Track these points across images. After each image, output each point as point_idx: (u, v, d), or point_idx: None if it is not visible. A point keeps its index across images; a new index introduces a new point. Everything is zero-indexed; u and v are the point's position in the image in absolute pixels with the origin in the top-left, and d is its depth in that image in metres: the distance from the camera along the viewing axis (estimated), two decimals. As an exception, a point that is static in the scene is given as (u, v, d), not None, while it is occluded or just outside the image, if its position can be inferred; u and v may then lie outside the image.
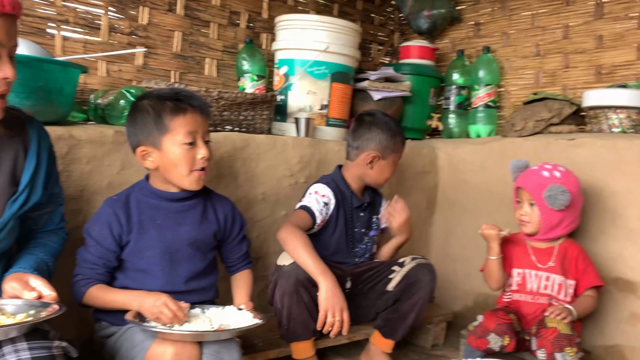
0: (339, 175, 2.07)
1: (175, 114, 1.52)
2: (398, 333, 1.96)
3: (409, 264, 1.96)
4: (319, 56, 2.41)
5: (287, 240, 1.79)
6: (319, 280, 1.72)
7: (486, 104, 2.83)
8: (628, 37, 2.55)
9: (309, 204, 1.93)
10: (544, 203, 1.97)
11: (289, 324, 1.83)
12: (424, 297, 1.93)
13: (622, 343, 2.14)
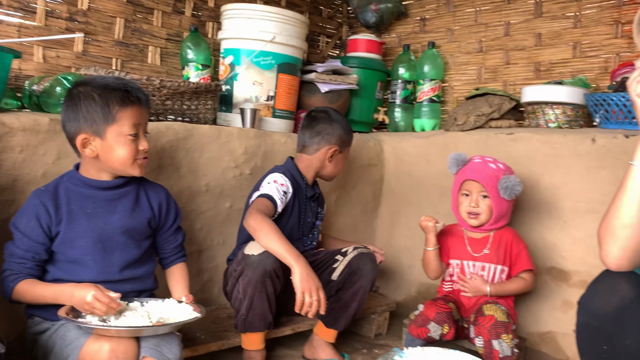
0: (293, 166, 2.10)
1: (124, 105, 1.51)
2: (340, 322, 1.98)
3: (351, 253, 1.99)
4: (265, 46, 2.39)
5: (258, 228, 1.77)
6: (293, 265, 1.71)
7: (430, 99, 2.88)
8: (565, 35, 2.65)
9: (271, 192, 1.93)
10: (498, 194, 2.03)
11: (248, 314, 1.82)
12: (365, 285, 1.95)
13: (556, 329, 2.24)
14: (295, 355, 2.10)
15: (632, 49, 2.45)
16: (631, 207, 1.28)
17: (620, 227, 1.29)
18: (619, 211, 1.29)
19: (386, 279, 2.86)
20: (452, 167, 2.13)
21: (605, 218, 1.34)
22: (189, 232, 2.14)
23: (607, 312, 1.29)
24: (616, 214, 1.30)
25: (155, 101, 2.06)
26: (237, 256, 1.86)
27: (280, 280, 1.81)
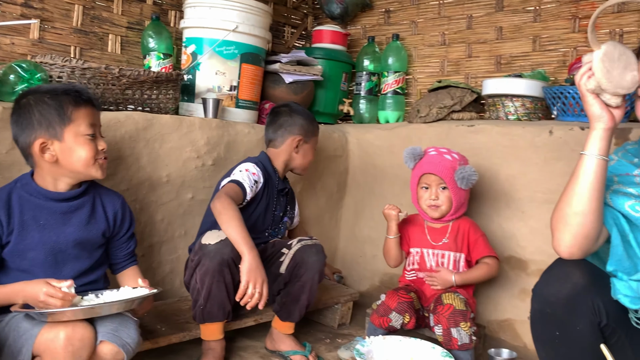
0: (266, 157, 2.13)
1: (78, 105, 1.51)
2: (294, 315, 1.99)
3: (295, 246, 1.99)
4: (228, 36, 2.37)
5: (223, 211, 1.78)
6: (244, 253, 1.71)
7: (395, 91, 2.90)
8: (525, 29, 2.69)
9: (241, 179, 1.93)
10: (455, 184, 2.06)
11: (206, 303, 1.81)
12: (312, 277, 1.95)
13: (514, 317, 2.29)
14: (258, 346, 2.10)
15: (588, 43, 2.51)
16: (583, 195, 1.31)
17: (572, 215, 1.32)
18: (571, 199, 1.33)
19: (350, 269, 2.88)
20: (409, 162, 2.16)
21: (558, 207, 1.37)
22: (150, 223, 2.11)
23: (560, 299, 1.33)
24: (568, 202, 1.34)
25: (114, 90, 2.02)
26: (195, 246, 1.85)
27: (238, 270, 1.80)
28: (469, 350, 1.88)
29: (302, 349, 2.00)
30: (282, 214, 2.19)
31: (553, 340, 1.37)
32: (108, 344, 1.39)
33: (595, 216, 1.32)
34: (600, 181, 1.31)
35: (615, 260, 1.34)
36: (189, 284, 1.87)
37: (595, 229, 1.33)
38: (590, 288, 1.32)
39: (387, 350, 1.88)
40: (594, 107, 1.30)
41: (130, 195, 2.02)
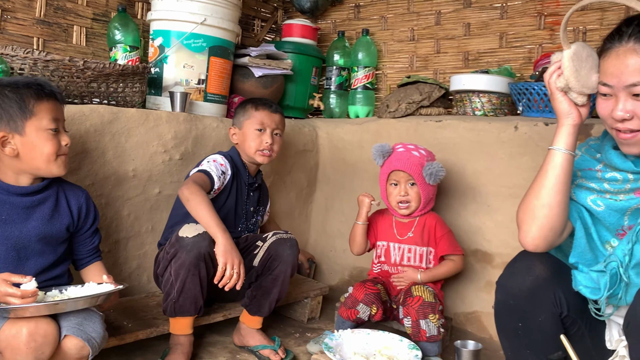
0: (235, 151, 2.13)
1: (40, 98, 1.48)
2: (264, 309, 1.98)
3: (270, 239, 1.99)
4: (196, 28, 2.34)
5: (191, 197, 1.77)
6: (218, 236, 1.72)
7: (364, 86, 2.91)
8: (492, 25, 2.74)
9: (208, 169, 1.93)
10: (424, 180, 2.08)
11: (179, 297, 1.79)
12: (286, 270, 1.95)
13: (480, 309, 2.33)
14: (227, 341, 2.09)
15: (553, 40, 2.57)
16: (550, 188, 1.35)
17: (539, 207, 1.36)
18: (539, 192, 1.37)
19: (321, 263, 2.89)
20: (378, 159, 2.18)
21: (525, 200, 1.41)
22: (116, 219, 2.08)
23: (523, 291, 1.36)
24: (536, 195, 1.37)
25: (79, 83, 1.98)
26: (170, 238, 1.82)
27: (213, 265, 1.79)
28: (437, 342, 1.91)
29: (271, 343, 1.99)
30: (254, 210, 2.18)
31: (516, 331, 1.40)
32: (73, 338, 1.37)
33: (562, 209, 1.36)
34: (567, 175, 1.35)
35: (578, 252, 1.38)
36: (162, 276, 1.85)
37: (561, 221, 1.36)
38: (551, 280, 1.35)
39: (356, 343, 1.89)
40: (562, 104, 1.35)
41: (95, 190, 1.99)
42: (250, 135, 2.09)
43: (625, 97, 1.24)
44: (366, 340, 1.91)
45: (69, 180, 1.84)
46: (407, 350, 1.84)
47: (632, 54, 1.21)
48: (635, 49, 1.21)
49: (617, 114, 1.24)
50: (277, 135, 2.14)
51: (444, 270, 2.11)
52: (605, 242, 1.38)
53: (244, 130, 2.11)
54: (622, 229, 1.35)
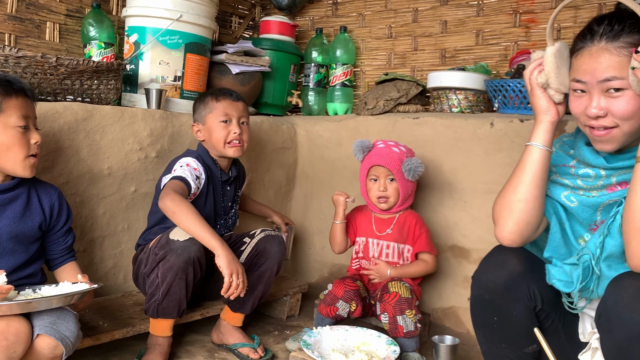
0: (204, 150, 2.05)
1: (8, 95, 1.45)
2: (247, 306, 1.97)
3: (258, 235, 1.98)
4: (172, 25, 2.32)
5: (176, 210, 1.71)
6: (217, 248, 1.67)
7: (343, 83, 2.91)
8: (469, 23, 2.76)
9: (183, 175, 1.87)
10: (403, 176, 2.09)
11: (163, 299, 1.77)
12: (272, 268, 1.95)
13: (457, 304, 2.35)
14: (205, 340, 2.08)
15: (528, 37, 2.60)
16: (527, 183, 1.37)
17: (516, 202, 1.37)
18: (516, 187, 1.38)
19: (300, 261, 2.88)
20: (358, 154, 2.19)
21: (502, 195, 1.42)
22: (91, 217, 2.05)
23: (497, 285, 1.37)
24: (513, 190, 1.38)
25: (52, 80, 1.94)
26: (159, 240, 1.79)
27: (201, 269, 1.79)
28: (414, 337, 1.93)
29: (250, 342, 1.99)
30: (231, 203, 2.15)
31: (492, 325, 1.42)
32: (46, 337, 1.35)
33: (538, 203, 1.37)
34: (544, 170, 1.37)
35: (553, 246, 1.40)
36: (148, 276, 1.81)
37: (537, 216, 1.38)
38: (526, 274, 1.37)
39: (334, 340, 1.90)
40: (541, 100, 1.36)
41: (69, 189, 1.96)
42: (216, 129, 1.99)
43: (599, 94, 1.26)
44: (345, 337, 1.92)
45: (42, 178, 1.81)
46: (385, 346, 1.85)
47: (604, 52, 1.24)
48: (608, 48, 1.23)
49: (591, 111, 1.26)
50: (244, 124, 2.05)
51: (415, 270, 2.12)
52: (578, 236, 1.40)
53: (208, 124, 2.01)
54: (594, 224, 1.37)
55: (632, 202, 1.19)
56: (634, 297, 1.13)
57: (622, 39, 1.23)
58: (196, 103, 2.08)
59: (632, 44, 1.22)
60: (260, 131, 2.65)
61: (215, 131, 2.00)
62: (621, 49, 1.22)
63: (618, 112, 1.25)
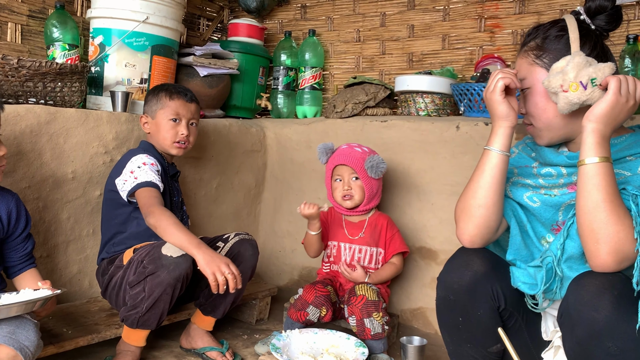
0: (149, 145, 2.02)
1: None
2: (219, 310, 1.96)
3: (233, 239, 1.96)
4: (137, 27, 2.29)
5: (158, 225, 1.70)
6: (194, 253, 1.65)
7: (312, 86, 2.92)
8: (435, 28, 2.80)
9: (150, 178, 1.84)
10: (366, 174, 2.12)
11: (147, 312, 1.73)
12: (246, 272, 1.93)
13: (425, 305, 2.38)
14: (173, 345, 2.06)
15: (493, 42, 2.65)
16: (486, 188, 1.39)
17: (476, 207, 1.39)
18: (475, 192, 1.40)
19: (269, 264, 2.88)
20: (322, 157, 2.21)
21: (462, 198, 1.44)
22: (55, 222, 2.01)
23: (462, 286, 1.39)
24: (473, 195, 1.40)
25: (13, 82, 1.90)
26: (150, 253, 1.73)
27: (186, 282, 1.77)
28: (382, 339, 1.94)
29: (219, 346, 1.97)
30: (180, 199, 2.12)
31: (457, 325, 1.44)
32: (4, 347, 1.31)
33: (497, 208, 1.40)
34: (502, 175, 1.39)
35: (514, 249, 1.42)
36: (132, 287, 1.76)
37: (496, 220, 1.41)
38: (489, 275, 1.39)
39: (303, 343, 1.90)
40: (502, 105, 1.36)
41: (32, 193, 1.91)
42: (165, 126, 1.98)
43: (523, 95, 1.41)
44: (314, 340, 1.92)
45: (3, 182, 1.76)
46: (354, 348, 1.86)
47: (520, 59, 1.42)
48: (522, 55, 1.41)
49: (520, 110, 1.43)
50: (192, 126, 2.04)
51: (388, 274, 2.15)
52: (540, 237, 1.43)
53: (157, 120, 1.99)
54: (556, 224, 1.40)
55: (582, 205, 1.23)
56: (594, 295, 1.16)
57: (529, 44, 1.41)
58: (149, 95, 2.05)
59: (534, 47, 1.38)
60: (229, 134, 2.64)
61: (163, 128, 1.99)
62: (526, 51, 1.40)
63: (529, 111, 1.41)
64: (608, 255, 1.18)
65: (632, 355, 1.11)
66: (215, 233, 2.61)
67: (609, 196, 1.19)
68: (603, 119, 1.22)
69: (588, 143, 1.23)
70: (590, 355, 1.17)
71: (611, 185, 1.20)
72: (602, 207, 1.19)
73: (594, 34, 1.36)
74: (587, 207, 1.21)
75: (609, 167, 1.21)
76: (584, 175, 1.23)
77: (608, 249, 1.18)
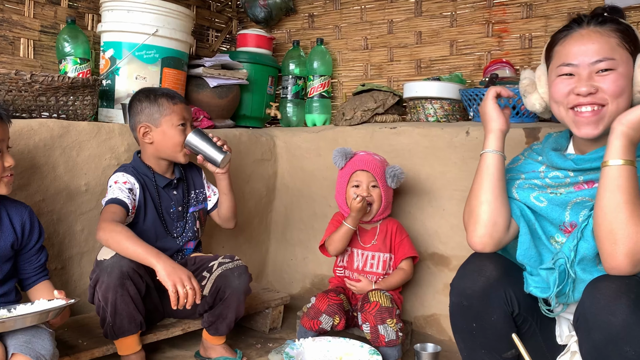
0: (137, 160, 1.99)
1: None
2: (222, 329, 1.95)
3: (216, 271, 1.90)
4: (147, 40, 2.31)
5: (109, 238, 1.69)
6: (154, 263, 1.64)
7: (321, 94, 2.94)
8: (443, 34, 2.80)
9: (114, 195, 1.82)
10: (385, 183, 2.12)
11: (114, 320, 1.74)
12: (238, 297, 1.89)
13: (439, 312, 2.37)
14: (187, 355, 2.06)
15: (501, 47, 2.65)
16: (486, 186, 1.43)
17: (479, 205, 1.43)
18: (477, 192, 1.45)
19: (281, 272, 2.88)
20: (339, 161, 2.19)
21: (467, 203, 1.49)
22: (69, 234, 2.03)
23: (475, 292, 1.39)
24: (475, 195, 1.45)
25: (26, 97, 1.93)
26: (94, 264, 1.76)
27: (143, 279, 1.75)
28: (396, 346, 1.93)
29: (233, 355, 1.98)
30: (183, 207, 2.05)
31: (471, 331, 1.43)
32: (21, 356, 1.33)
33: (500, 203, 1.42)
34: (500, 172, 1.44)
35: (523, 249, 1.42)
36: (94, 303, 1.79)
37: (501, 216, 1.42)
38: (502, 280, 1.39)
39: (317, 352, 1.89)
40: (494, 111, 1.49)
41: (46, 206, 1.94)
42: (174, 134, 1.93)
43: (589, 74, 1.33)
44: (327, 348, 1.92)
45: (18, 196, 1.79)
46: (367, 356, 1.86)
47: (595, 34, 1.33)
48: (598, 30, 1.33)
49: (582, 89, 1.32)
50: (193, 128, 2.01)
51: (397, 280, 2.14)
52: (549, 237, 1.43)
53: (163, 128, 1.93)
54: (564, 225, 1.40)
55: (602, 206, 1.23)
56: (611, 299, 1.16)
57: (609, 25, 1.34)
58: (143, 103, 1.95)
59: (618, 30, 1.32)
60: (239, 143, 2.66)
61: (172, 136, 1.94)
62: (610, 31, 1.33)
63: (609, 90, 1.31)
64: (625, 256, 1.18)
65: (650, 359, 1.11)
66: (227, 242, 2.64)
67: (630, 198, 1.20)
68: (635, 125, 1.24)
69: (615, 145, 1.24)
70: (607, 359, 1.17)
71: (634, 188, 1.22)
72: (622, 209, 1.20)
73: None
74: (608, 207, 1.22)
75: (633, 171, 1.23)
76: (606, 177, 1.24)
77: (626, 250, 1.18)
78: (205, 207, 2.15)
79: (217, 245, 2.59)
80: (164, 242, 1.97)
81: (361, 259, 2.18)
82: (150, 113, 1.94)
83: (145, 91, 2.00)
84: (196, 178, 2.14)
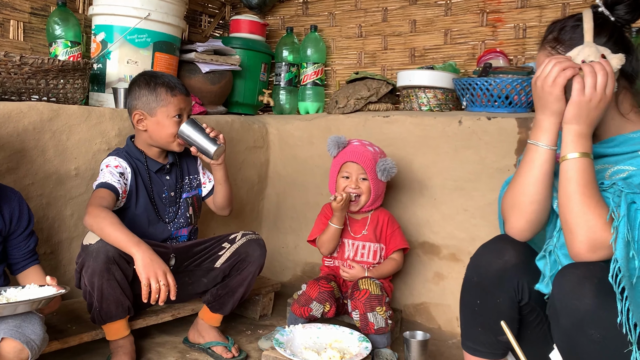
0: (130, 144, 1.97)
1: None
2: (227, 307, 1.97)
3: (240, 240, 1.96)
4: (139, 23, 2.29)
5: (94, 223, 1.68)
6: (133, 252, 1.63)
7: (314, 82, 2.92)
8: (437, 22, 2.79)
9: (105, 179, 1.81)
10: (375, 176, 2.10)
11: (101, 304, 1.74)
12: (254, 271, 1.94)
13: (428, 300, 2.38)
14: (177, 341, 2.07)
15: (495, 36, 2.64)
16: (537, 184, 1.34)
17: (528, 204, 1.36)
18: (525, 189, 1.36)
19: (273, 260, 2.88)
20: (333, 149, 2.18)
21: (511, 194, 1.40)
22: (58, 219, 2.02)
23: (488, 272, 1.39)
24: (523, 192, 1.36)
25: (16, 79, 1.90)
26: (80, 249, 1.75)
27: (130, 264, 1.73)
28: (385, 333, 1.94)
29: (225, 341, 1.98)
30: (175, 192, 2.03)
31: (473, 307, 1.43)
32: (10, 340, 1.33)
33: (548, 202, 1.36)
34: (552, 169, 1.34)
35: None
36: (81, 288, 1.78)
37: (547, 213, 1.39)
38: (519, 267, 1.37)
39: (307, 338, 1.90)
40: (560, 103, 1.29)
41: (35, 190, 1.92)
42: (168, 125, 1.90)
43: None
44: (317, 335, 1.93)
45: (7, 179, 1.77)
46: (357, 343, 1.86)
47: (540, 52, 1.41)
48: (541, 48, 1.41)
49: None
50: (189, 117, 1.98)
51: (389, 269, 2.15)
52: None
53: (158, 118, 1.89)
54: None
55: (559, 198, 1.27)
56: (575, 285, 1.17)
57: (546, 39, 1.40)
58: (142, 89, 1.91)
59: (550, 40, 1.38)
60: (231, 130, 2.64)
61: (167, 127, 1.90)
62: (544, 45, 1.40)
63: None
64: (580, 243, 1.21)
65: (615, 341, 1.12)
66: (218, 229, 2.63)
67: (583, 189, 1.23)
68: (574, 119, 1.26)
69: (567, 141, 1.27)
70: (576, 344, 1.18)
71: (587, 179, 1.24)
72: (575, 199, 1.23)
73: (611, 25, 1.35)
74: (563, 198, 1.26)
75: (588, 162, 1.25)
76: (563, 170, 1.26)
77: (580, 237, 1.21)
78: (199, 194, 2.13)
79: (209, 231, 2.58)
80: (156, 228, 1.96)
81: (352, 248, 2.18)
82: (147, 101, 1.90)
83: (147, 77, 1.94)
84: (191, 164, 2.11)
